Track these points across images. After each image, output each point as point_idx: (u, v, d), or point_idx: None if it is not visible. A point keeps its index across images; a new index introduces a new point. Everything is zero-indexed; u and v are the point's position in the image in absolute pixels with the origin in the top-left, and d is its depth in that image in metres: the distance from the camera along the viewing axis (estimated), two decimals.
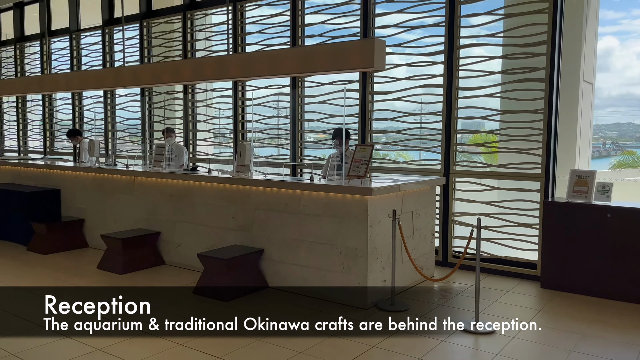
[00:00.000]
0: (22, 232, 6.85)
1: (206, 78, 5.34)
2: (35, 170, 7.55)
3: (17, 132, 11.35)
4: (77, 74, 6.90)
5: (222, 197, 5.42)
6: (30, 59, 11.14)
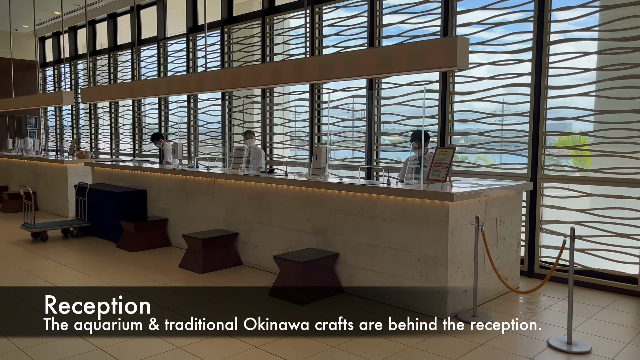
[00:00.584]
0: (113, 230, 7.26)
1: (284, 81, 5.38)
2: (125, 171, 7.99)
3: (110, 135, 12.13)
4: (163, 80, 7.23)
5: (297, 199, 5.43)
6: (122, 67, 11.88)
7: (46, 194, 10.16)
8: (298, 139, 8.17)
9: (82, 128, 13.42)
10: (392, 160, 6.91)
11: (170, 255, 6.58)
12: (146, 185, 7.52)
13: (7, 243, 7.17)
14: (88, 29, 12.54)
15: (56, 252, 6.70)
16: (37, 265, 6.01)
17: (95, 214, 7.71)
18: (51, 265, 6.03)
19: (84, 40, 12.29)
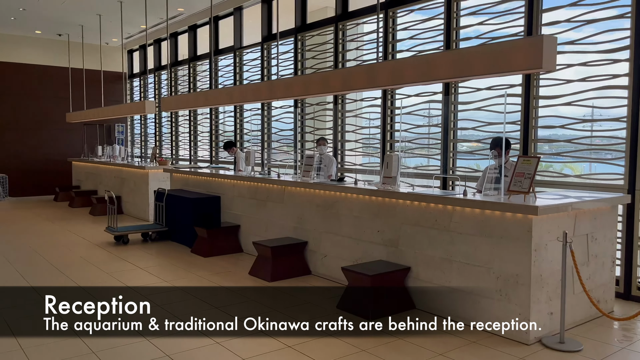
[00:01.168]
0: (189, 235, 7.46)
1: (355, 87, 5.23)
2: (200, 178, 8.20)
3: (189, 142, 12.59)
4: (236, 88, 7.35)
5: (367, 209, 5.25)
6: (201, 76, 12.30)
7: (130, 199, 10.69)
8: (370, 146, 7.99)
9: (164, 135, 14.06)
10: (469, 169, 6.54)
11: (241, 261, 6.63)
12: (220, 191, 7.66)
13: (92, 245, 7.57)
14: (170, 41, 13.14)
15: (135, 255, 6.96)
16: (116, 267, 6.26)
17: (172, 218, 7.97)
18: (129, 268, 6.25)
19: (169, 52, 12.90)
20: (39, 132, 14.44)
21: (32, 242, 7.73)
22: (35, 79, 14.32)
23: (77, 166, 13.89)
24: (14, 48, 13.97)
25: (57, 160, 14.62)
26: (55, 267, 6.23)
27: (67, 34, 13.69)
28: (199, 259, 6.75)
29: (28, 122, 14.26)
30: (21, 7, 11.06)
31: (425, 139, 7.00)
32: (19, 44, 14.03)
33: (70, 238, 8.11)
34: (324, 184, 5.79)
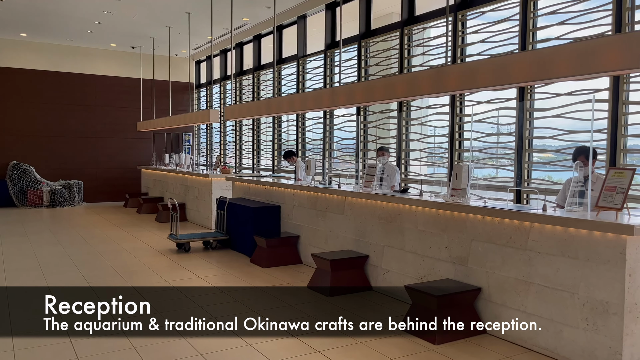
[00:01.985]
0: (248, 244, 7.37)
1: (422, 93, 4.91)
2: (261, 187, 8.12)
3: (252, 151, 12.66)
4: (297, 96, 7.21)
5: (434, 223, 4.89)
6: (264, 85, 12.35)
7: (194, 206, 10.85)
8: (436, 156, 7.60)
9: (229, 144, 14.25)
10: (547, 182, 6.01)
11: (300, 273, 6.43)
12: (280, 201, 7.53)
13: (155, 252, 7.65)
14: (236, 51, 13.33)
15: (195, 264, 6.95)
16: (175, 275, 6.25)
17: (233, 227, 7.93)
18: (188, 276, 6.22)
19: (234, 62, 13.11)
20: (113, 141, 15.08)
21: (99, 247, 7.94)
22: (110, 89, 15.00)
23: (146, 173, 14.36)
24: (91, 60, 14.71)
25: (128, 168, 15.20)
26: (117, 273, 6.31)
27: (140, 46, 14.24)
28: (257, 270, 6.63)
29: (103, 131, 14.94)
30: (97, 20, 11.59)
31: (494, 148, 6.54)
32: (96, 57, 14.76)
33: (135, 244, 8.27)
34: (387, 195, 5.48)
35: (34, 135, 14.05)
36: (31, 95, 13.99)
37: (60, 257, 7.24)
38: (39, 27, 12.35)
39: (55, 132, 14.31)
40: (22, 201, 13.49)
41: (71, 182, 14.01)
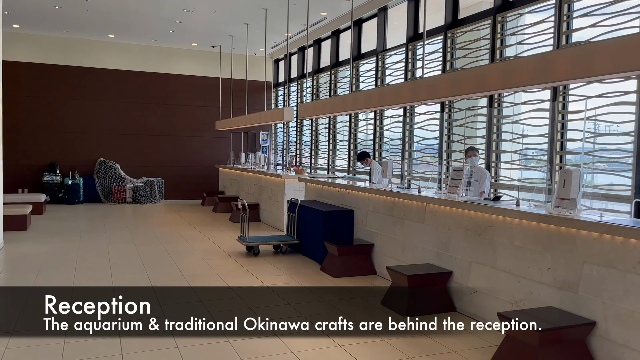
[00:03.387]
0: (319, 250, 6.90)
1: (521, 84, 4.14)
2: (334, 189, 7.61)
3: (328, 151, 12.20)
4: (375, 91, 6.61)
5: (534, 238, 4.10)
6: (341, 83, 11.85)
7: (267, 207, 10.57)
8: (532, 158, 6.69)
9: (304, 144, 13.92)
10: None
11: (374, 287, 5.83)
12: (354, 205, 6.98)
13: (224, 254, 7.38)
14: (313, 48, 12.94)
15: (262, 269, 6.57)
16: (240, 281, 5.89)
17: (304, 231, 7.49)
18: (253, 284, 5.83)
19: (312, 59, 12.72)
20: (192, 139, 15.29)
21: (170, 247, 7.81)
22: (191, 89, 15.22)
23: (223, 172, 14.38)
24: (173, 60, 15.00)
25: (207, 166, 15.35)
26: (183, 276, 6.07)
27: (219, 45, 14.29)
28: (327, 280, 6.12)
29: (183, 130, 15.18)
30: (178, 19, 11.67)
31: (604, 150, 5.55)
32: (178, 56, 15.02)
33: (205, 245, 8.07)
34: (476, 203, 4.74)
35: (120, 133, 14.53)
36: (117, 95, 14.48)
37: (130, 256, 7.16)
38: (125, 28, 12.69)
39: (139, 130, 14.73)
40: (107, 197, 13.99)
41: (152, 180, 14.34)
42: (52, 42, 13.71)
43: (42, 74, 13.73)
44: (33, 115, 13.69)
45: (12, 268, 6.39)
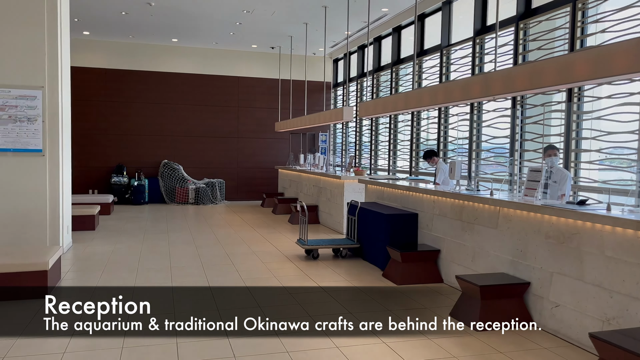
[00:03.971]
0: (380, 255, 6.59)
1: (615, 73, 3.65)
2: (396, 191, 7.26)
3: (388, 151, 11.83)
4: (441, 86, 6.20)
5: (630, 249, 3.60)
6: (403, 81, 11.45)
7: (326, 209, 10.36)
8: (617, 158, 6.05)
9: (364, 144, 13.60)
10: None
11: (440, 296, 5.46)
12: (418, 208, 6.60)
13: (283, 257, 7.22)
14: (374, 45, 12.61)
15: (321, 273, 6.34)
16: (298, 287, 5.67)
17: (365, 234, 7.20)
18: (311, 289, 5.60)
19: (372, 58, 12.39)
20: (252, 141, 15.37)
21: (230, 249, 7.75)
22: (251, 90, 15.31)
23: (283, 174, 14.33)
24: (234, 62, 15.13)
25: (266, 168, 15.38)
26: (241, 278, 5.94)
27: (279, 47, 14.26)
28: (390, 287, 5.80)
29: (243, 131, 15.29)
30: (238, 21, 11.70)
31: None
32: (239, 59, 15.14)
33: (265, 247, 7.95)
34: (559, 208, 4.26)
35: (182, 135, 14.82)
36: (180, 98, 14.78)
37: (191, 257, 7.14)
38: (188, 32, 12.90)
39: (201, 132, 14.96)
40: (171, 198, 14.29)
41: (214, 181, 14.51)
42: (119, 47, 14.18)
43: (111, 79, 14.23)
44: (102, 119, 14.22)
45: (79, 268, 6.52)
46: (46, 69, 6.87)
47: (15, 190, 6.75)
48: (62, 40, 7.18)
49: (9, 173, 6.73)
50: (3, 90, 6.65)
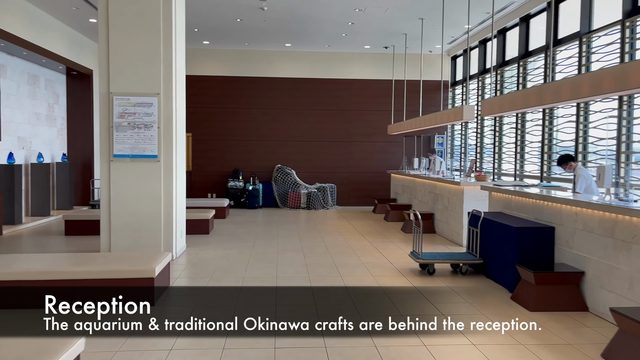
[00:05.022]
0: (508, 274, 5.73)
1: None
2: (527, 200, 6.32)
3: (515, 154, 10.66)
4: (587, 76, 5.18)
5: None
6: (532, 75, 10.24)
7: (443, 217, 9.56)
8: None
9: (486, 147, 12.48)
10: None
11: (586, 328, 4.51)
12: (554, 220, 5.63)
13: (395, 271, 6.64)
14: (497, 39, 11.51)
15: (439, 293, 5.64)
16: (412, 309, 5.05)
17: (489, 249, 6.36)
18: (427, 312, 4.94)
19: (495, 52, 11.32)
20: (364, 144, 14.95)
21: (338, 259, 7.34)
22: (362, 93, 14.91)
23: (395, 178, 13.69)
24: (345, 65, 14.84)
25: (378, 172, 14.86)
26: (349, 294, 5.45)
27: (393, 46, 13.68)
28: (521, 312, 4.95)
29: (355, 135, 14.93)
30: (350, 21, 11.34)
31: None
32: (350, 61, 14.82)
33: (375, 259, 7.42)
34: None
35: (295, 140, 14.83)
36: (293, 102, 14.81)
37: (298, 267, 6.84)
38: (300, 36, 12.83)
39: (313, 136, 14.86)
40: (283, 202, 14.35)
41: (325, 186, 14.31)
42: (236, 55, 14.58)
43: (228, 86, 14.68)
44: (219, 125, 14.71)
45: (188, 274, 6.52)
46: (161, 76, 7.01)
47: (133, 196, 6.96)
48: (177, 49, 7.30)
49: (127, 178, 6.96)
50: (123, 98, 6.90)
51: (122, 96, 6.89)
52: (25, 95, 11.18)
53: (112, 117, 6.91)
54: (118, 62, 6.90)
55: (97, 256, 5.52)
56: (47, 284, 4.74)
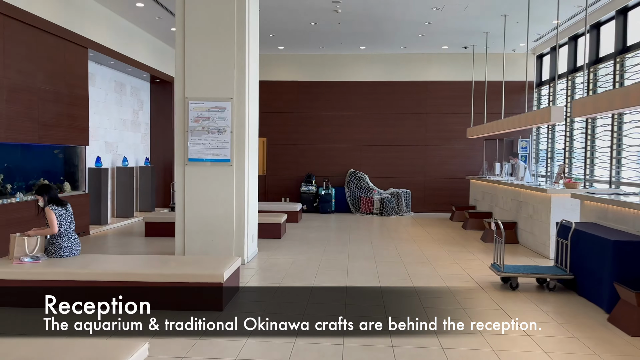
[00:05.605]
0: (603, 292, 5.14)
1: None
2: (627, 210, 5.65)
3: (610, 159, 9.73)
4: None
5: None
6: (630, 72, 9.30)
7: (527, 227, 8.89)
8: None
9: (576, 151, 11.53)
10: None
11: None
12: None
13: (473, 284, 6.19)
14: (590, 34, 10.59)
15: (522, 310, 5.16)
16: (493, 326, 4.62)
17: (581, 264, 5.76)
18: (506, 335, 4.49)
19: (588, 49, 10.43)
20: (441, 149, 14.39)
21: (411, 269, 7.00)
22: (439, 95, 14.37)
23: (475, 185, 13.01)
24: (422, 67, 14.38)
25: (456, 178, 14.23)
26: (423, 307, 5.12)
27: (472, 46, 13.05)
28: (618, 338, 4.38)
29: (431, 139, 14.41)
30: (427, 21, 10.93)
31: None
32: (427, 62, 14.35)
33: (452, 270, 7.00)
34: None
35: (368, 144, 14.57)
36: (367, 106, 14.56)
37: (369, 276, 6.58)
38: (375, 38, 12.57)
39: (386, 140, 14.52)
40: (356, 208, 14.11)
41: (399, 191, 13.92)
42: (310, 59, 14.59)
43: (302, 91, 14.71)
44: (293, 130, 14.77)
45: (258, 279, 6.47)
46: (234, 81, 7.05)
47: (206, 199, 7.04)
48: (250, 54, 7.32)
49: (201, 182, 7.05)
50: (198, 103, 7.00)
51: (197, 101, 7.00)
52: (112, 102, 11.80)
53: (187, 121, 7.03)
54: (193, 68, 7.02)
55: (169, 259, 5.59)
56: (120, 284, 4.83)
